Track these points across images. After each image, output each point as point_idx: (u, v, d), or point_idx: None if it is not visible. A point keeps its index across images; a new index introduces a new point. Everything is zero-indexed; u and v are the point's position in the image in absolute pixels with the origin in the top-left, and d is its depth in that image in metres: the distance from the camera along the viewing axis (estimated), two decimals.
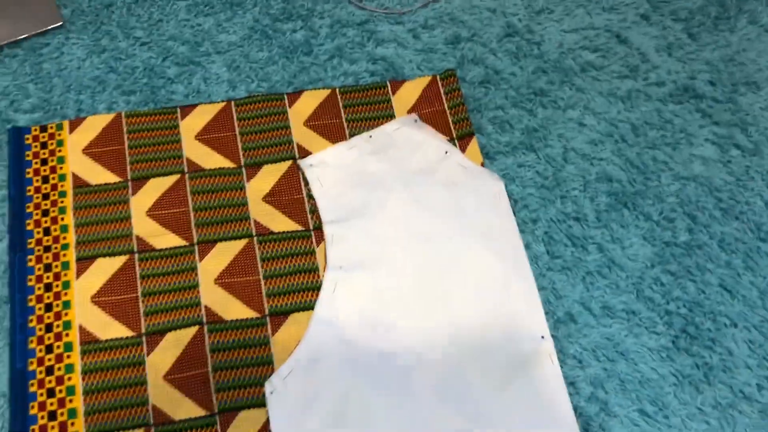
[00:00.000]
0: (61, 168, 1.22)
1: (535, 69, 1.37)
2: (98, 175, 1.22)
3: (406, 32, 1.39)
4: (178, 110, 1.28)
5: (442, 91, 1.33)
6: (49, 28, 1.34)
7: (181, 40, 1.36)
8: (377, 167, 1.24)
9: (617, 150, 1.29)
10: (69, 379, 1.06)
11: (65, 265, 1.14)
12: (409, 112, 1.31)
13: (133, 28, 1.37)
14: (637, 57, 1.39)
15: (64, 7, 1.37)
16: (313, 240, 1.19)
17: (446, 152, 1.26)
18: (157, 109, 1.29)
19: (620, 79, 1.37)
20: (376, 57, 1.36)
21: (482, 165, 1.26)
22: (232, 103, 1.30)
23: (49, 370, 1.06)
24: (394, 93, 1.32)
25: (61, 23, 1.35)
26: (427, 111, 1.31)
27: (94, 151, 1.23)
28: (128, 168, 1.22)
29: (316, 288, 1.14)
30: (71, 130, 1.24)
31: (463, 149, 1.28)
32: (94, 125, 1.26)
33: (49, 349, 1.07)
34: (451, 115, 1.31)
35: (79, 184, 1.20)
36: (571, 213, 1.23)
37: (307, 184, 1.23)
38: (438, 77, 1.34)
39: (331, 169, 1.24)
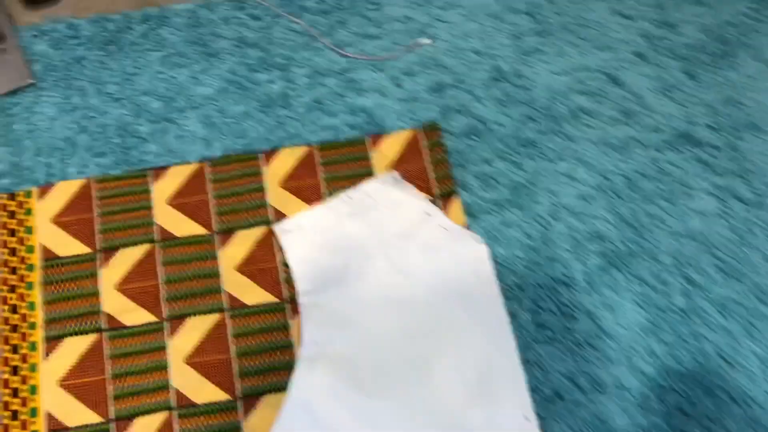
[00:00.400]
0: (29, 239, 1.18)
1: (524, 116, 1.30)
2: (67, 246, 1.18)
3: (388, 80, 1.33)
4: (150, 173, 1.24)
5: (424, 146, 1.27)
6: (21, 86, 1.30)
7: (155, 94, 1.31)
8: (356, 230, 1.19)
9: (610, 206, 1.23)
10: None
11: (32, 346, 1.11)
12: (389, 168, 1.25)
13: (106, 83, 1.32)
14: (632, 100, 1.32)
15: (35, 62, 1.33)
16: (288, 313, 1.14)
17: (428, 213, 1.20)
18: (127, 173, 1.24)
19: (614, 126, 1.30)
20: (356, 108, 1.30)
21: (465, 226, 1.20)
22: (206, 164, 1.25)
23: None
24: (374, 148, 1.26)
25: (32, 81, 1.30)
26: (409, 168, 1.25)
27: (63, 219, 1.20)
28: (97, 238, 1.18)
29: (291, 366, 1.10)
30: (40, 197, 1.21)
31: (445, 209, 1.22)
32: (63, 192, 1.22)
33: None
34: (433, 171, 1.25)
35: (48, 256, 1.17)
36: (560, 277, 1.17)
37: (282, 250, 1.18)
38: (420, 130, 1.28)
39: (307, 233, 1.19)
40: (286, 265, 1.17)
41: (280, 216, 1.21)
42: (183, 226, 1.20)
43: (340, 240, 1.18)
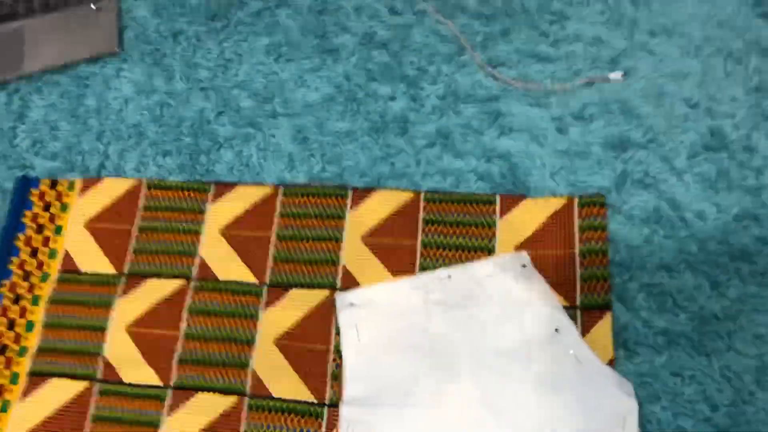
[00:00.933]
0: (55, 241, 0.96)
1: (742, 211, 0.84)
2: (93, 259, 0.94)
3: (548, 121, 0.94)
4: (212, 188, 0.96)
5: (576, 226, 0.86)
6: (103, 53, 1.08)
7: (250, 89, 1.04)
8: (445, 328, 0.82)
9: None
10: None
11: (14, 378, 0.88)
12: (519, 248, 0.86)
13: (197, 66, 1.07)
14: None
15: (128, 29, 1.11)
16: (325, 421, 0.81)
17: (557, 330, 0.80)
18: (188, 182, 0.97)
19: None
20: (495, 152, 0.93)
21: (611, 362, 0.79)
22: (281, 190, 0.95)
23: None
24: (504, 213, 0.88)
25: (117, 50, 1.08)
26: (546, 253, 0.86)
27: (98, 226, 0.96)
28: (128, 257, 0.93)
29: None
30: (82, 192, 0.98)
31: (586, 327, 0.81)
32: (108, 190, 0.98)
33: None
34: (582, 266, 0.84)
35: (68, 267, 0.93)
36: None
37: (338, 332, 0.84)
38: (577, 201, 0.87)
39: (376, 316, 0.84)
40: (338, 353, 0.83)
41: (349, 282, 0.88)
42: (230, 267, 0.91)
43: (418, 336, 0.82)
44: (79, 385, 0.87)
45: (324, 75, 1.03)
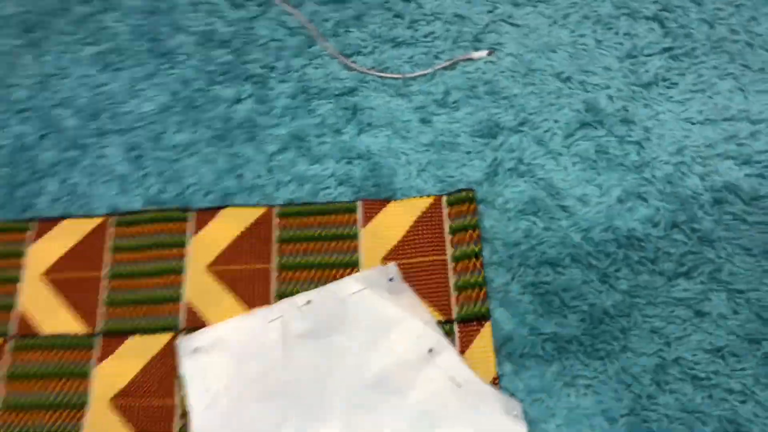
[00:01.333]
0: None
1: (626, 191, 0.76)
2: None
3: (411, 112, 0.83)
4: (32, 227, 0.82)
5: (447, 227, 0.76)
6: None
7: (74, 107, 0.90)
8: (308, 363, 0.71)
9: None
10: None
11: None
12: (386, 259, 0.75)
13: (13, 85, 0.92)
14: None
15: None
16: None
17: (430, 350, 0.69)
18: (2, 222, 0.83)
19: None
20: (355, 152, 0.82)
21: (495, 380, 0.68)
22: (112, 220, 0.81)
23: None
24: (367, 221, 0.77)
25: None
26: (417, 261, 0.75)
27: None
28: None
29: None
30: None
31: (465, 343, 0.71)
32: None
33: None
34: (456, 273, 0.74)
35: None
36: None
37: (182, 386, 0.72)
38: (445, 199, 0.77)
39: (229, 359, 0.72)
40: (184, 412, 0.71)
41: (195, 320, 0.75)
42: (54, 318, 0.77)
43: (278, 378, 0.70)
44: None
45: (159, 82, 0.90)
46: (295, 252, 0.77)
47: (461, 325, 0.72)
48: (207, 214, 0.80)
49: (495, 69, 0.84)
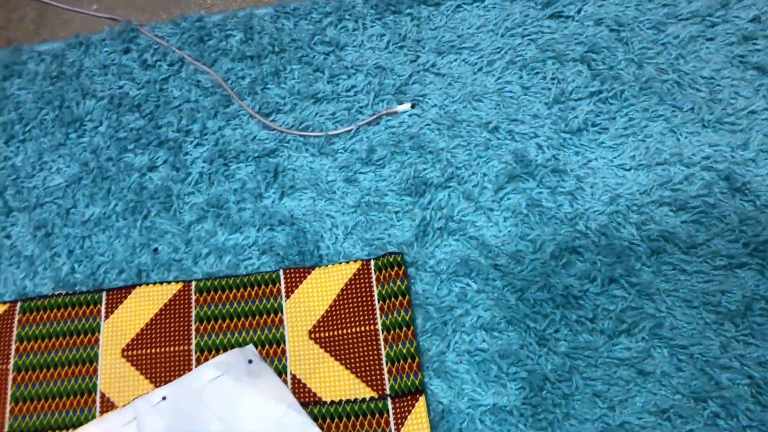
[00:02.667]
0: None
1: (561, 246, 0.72)
2: None
3: (335, 171, 0.79)
4: None
5: (375, 294, 0.72)
6: None
7: None
8: None
9: None
10: None
11: None
12: (312, 333, 0.70)
13: None
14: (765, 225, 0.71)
15: None
16: None
17: None
18: None
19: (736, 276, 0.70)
20: (277, 217, 0.77)
21: None
22: (17, 306, 0.75)
23: None
24: (291, 291, 0.73)
25: None
26: (346, 333, 0.71)
27: None
28: None
29: None
30: None
31: (399, 420, 0.66)
32: None
33: None
34: (387, 343, 0.69)
35: None
36: None
37: None
38: (373, 264, 0.73)
39: None
40: None
41: (109, 410, 0.69)
42: None
43: None
44: None
45: (67, 153, 0.85)
46: (216, 330, 0.72)
47: (395, 401, 0.67)
48: (119, 293, 0.75)
49: (420, 122, 0.80)
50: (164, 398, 0.67)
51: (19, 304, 0.76)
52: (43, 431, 0.69)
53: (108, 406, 0.70)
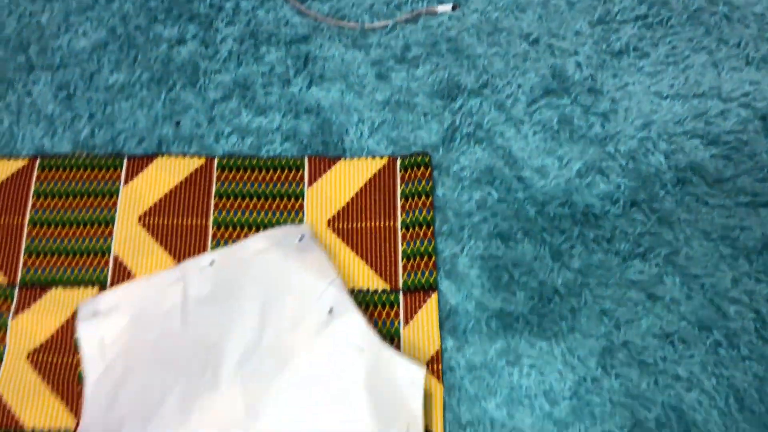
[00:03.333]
0: None
1: (587, 165, 0.72)
2: None
3: (367, 65, 0.78)
4: None
5: (399, 192, 0.72)
6: None
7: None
8: (204, 329, 0.66)
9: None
10: None
11: None
12: (332, 222, 0.71)
13: None
14: None
15: None
16: None
17: (330, 311, 0.66)
18: None
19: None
20: (304, 105, 0.76)
21: (438, 354, 0.65)
22: (37, 162, 0.75)
23: None
24: (314, 180, 0.72)
25: None
26: (365, 226, 0.71)
27: None
28: None
29: None
30: None
31: (410, 313, 0.67)
32: None
33: None
34: (405, 240, 0.70)
35: None
36: None
37: (77, 350, 0.67)
38: (399, 162, 0.73)
39: (126, 324, 0.67)
40: (80, 378, 0.66)
41: (124, 275, 0.70)
42: None
43: (173, 345, 0.66)
44: None
45: (95, 16, 0.82)
46: (235, 208, 0.72)
47: (407, 295, 0.68)
48: (141, 161, 0.74)
49: (459, 25, 0.78)
50: (212, 262, 0.68)
51: (39, 160, 0.75)
52: (54, 285, 0.70)
53: (121, 269, 0.70)
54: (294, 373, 0.63)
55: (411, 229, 0.70)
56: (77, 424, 0.64)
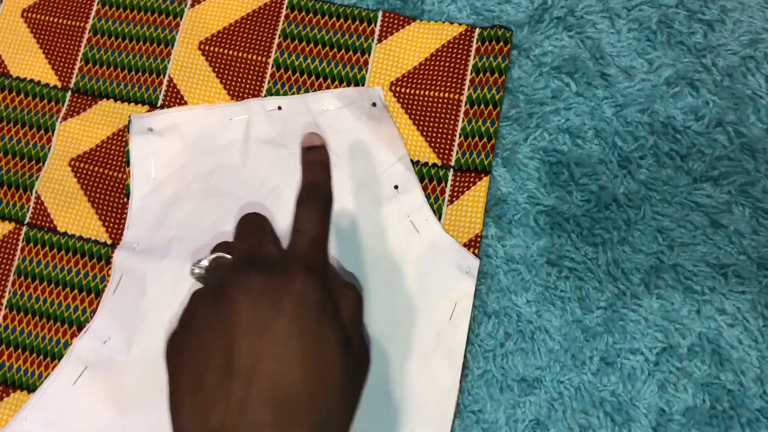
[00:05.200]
0: None
1: (678, 73, 0.66)
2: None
3: None
4: None
5: (470, 65, 0.67)
6: None
7: None
8: (263, 172, 0.65)
9: None
10: None
11: None
12: (394, 84, 0.67)
13: None
14: None
15: None
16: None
17: (396, 186, 0.63)
18: None
19: None
20: None
21: (476, 239, 0.63)
22: None
23: None
24: (384, 36, 0.68)
25: None
26: (427, 95, 0.67)
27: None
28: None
29: None
30: None
31: (455, 193, 0.64)
32: None
33: None
34: (466, 117, 0.66)
35: None
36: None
37: (128, 162, 0.66)
38: (477, 33, 0.68)
39: (181, 148, 0.66)
40: (127, 192, 0.66)
41: (174, 98, 0.68)
42: (27, 61, 0.70)
43: (228, 180, 0.65)
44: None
45: None
46: (298, 51, 0.69)
47: (457, 174, 0.65)
48: None
49: None
50: (279, 108, 0.66)
51: None
52: (106, 97, 0.69)
53: (174, 92, 0.68)
54: (348, 237, 0.62)
55: (476, 106, 0.66)
56: (122, 233, 0.64)
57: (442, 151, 0.65)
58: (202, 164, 0.65)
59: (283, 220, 0.63)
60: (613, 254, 0.63)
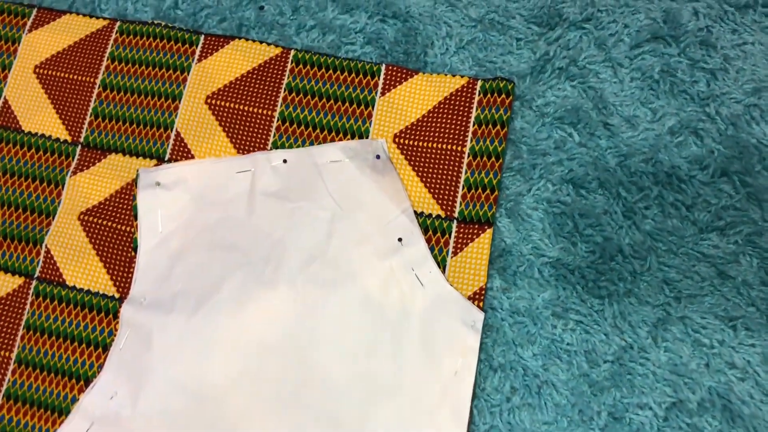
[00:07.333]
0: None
1: (682, 123, 0.66)
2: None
3: None
4: (32, 13, 0.75)
5: (473, 116, 0.68)
6: None
7: None
8: (268, 224, 0.66)
9: None
10: None
11: None
12: (398, 136, 0.68)
13: None
14: None
15: None
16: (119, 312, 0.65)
17: (400, 239, 0.64)
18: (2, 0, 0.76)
19: None
20: (392, 9, 0.72)
21: (480, 291, 0.63)
22: (117, 26, 0.74)
23: None
24: (388, 89, 0.69)
25: None
26: (428, 147, 0.67)
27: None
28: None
29: None
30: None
31: (459, 245, 0.64)
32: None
33: None
34: (469, 168, 0.66)
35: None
36: None
37: (136, 216, 0.67)
38: (480, 85, 0.68)
39: (188, 202, 0.67)
40: (135, 245, 0.67)
41: (183, 153, 0.69)
42: (39, 115, 0.72)
43: (234, 232, 0.66)
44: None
45: None
46: (303, 105, 0.70)
47: (460, 225, 0.65)
48: (218, 41, 0.72)
49: None
50: (284, 161, 0.67)
51: (118, 23, 0.74)
52: (115, 151, 0.70)
53: (181, 145, 0.69)
54: (352, 291, 0.62)
55: (478, 158, 0.66)
56: (129, 287, 0.65)
57: (445, 202, 0.66)
58: (208, 216, 0.65)
59: (285, 272, 0.63)
60: (619, 306, 0.63)
